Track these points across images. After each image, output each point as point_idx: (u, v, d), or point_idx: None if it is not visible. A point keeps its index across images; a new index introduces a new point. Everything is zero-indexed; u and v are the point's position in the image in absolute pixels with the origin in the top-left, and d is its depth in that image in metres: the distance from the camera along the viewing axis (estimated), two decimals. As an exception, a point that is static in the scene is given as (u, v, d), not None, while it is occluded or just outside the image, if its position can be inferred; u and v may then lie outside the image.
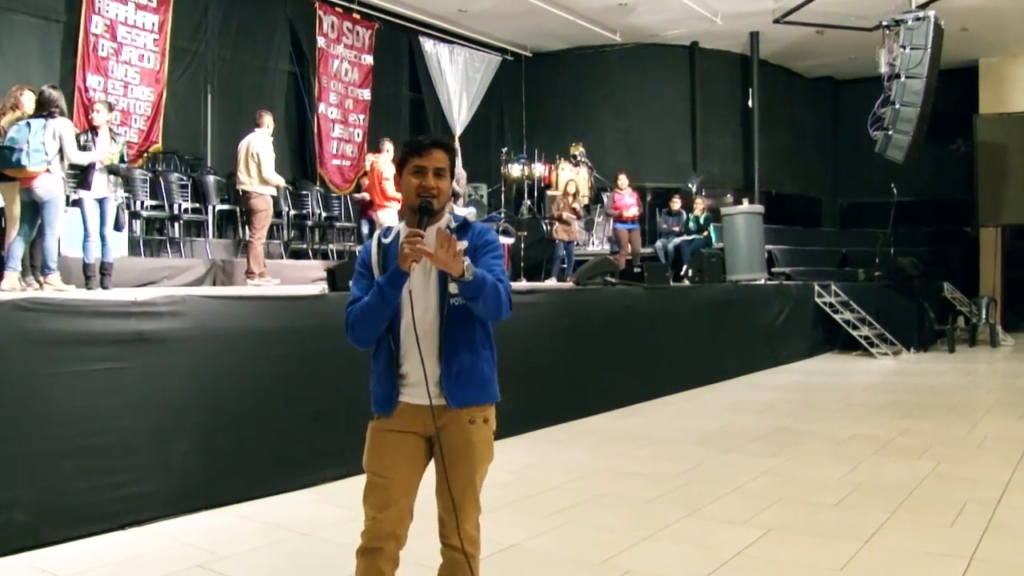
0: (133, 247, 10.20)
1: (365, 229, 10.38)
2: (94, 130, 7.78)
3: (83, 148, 7.46)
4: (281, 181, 9.59)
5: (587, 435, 7.38)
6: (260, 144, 9.54)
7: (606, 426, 7.64)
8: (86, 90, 11.60)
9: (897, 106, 12.23)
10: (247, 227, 9.83)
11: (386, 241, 2.68)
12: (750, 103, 17.91)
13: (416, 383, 2.58)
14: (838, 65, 19.20)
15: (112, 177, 7.82)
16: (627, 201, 13.50)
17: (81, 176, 7.61)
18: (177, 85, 12.74)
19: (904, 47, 12.40)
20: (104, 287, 7.70)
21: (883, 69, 13.45)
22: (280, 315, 5.62)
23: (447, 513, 2.61)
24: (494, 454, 2.70)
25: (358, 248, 13.00)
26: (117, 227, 8.01)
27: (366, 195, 11.25)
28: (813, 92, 20.44)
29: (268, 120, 9.80)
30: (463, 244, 2.54)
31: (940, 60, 12.80)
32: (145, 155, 12.28)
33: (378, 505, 2.62)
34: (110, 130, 7.93)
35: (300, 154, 14.96)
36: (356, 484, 2.78)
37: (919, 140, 12.56)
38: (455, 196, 10.68)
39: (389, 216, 9.97)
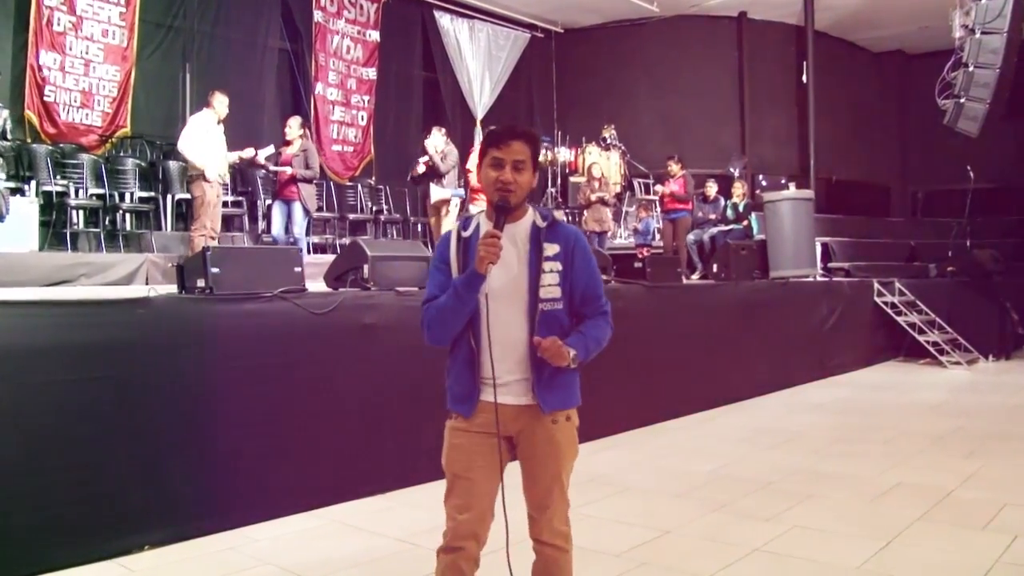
0: (60, 241, 8.93)
1: (277, 213, 8.93)
2: (-36, 100, 6.50)
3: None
4: (200, 164, 8.15)
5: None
6: (190, 125, 8.36)
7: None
8: (39, 68, 10.45)
9: (971, 68, 10.24)
10: (192, 218, 8.56)
11: (465, 234, 2.61)
12: (805, 79, 16.10)
13: (500, 384, 2.53)
14: (907, 36, 17.43)
15: (-12, 157, 6.56)
16: (672, 187, 11.80)
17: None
18: (148, 63, 11.56)
19: (981, -2, 10.41)
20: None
21: (957, 34, 11.51)
22: (77, 327, 4.10)
23: (537, 511, 2.61)
24: (579, 450, 2.68)
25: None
26: (-1, 216, 6.73)
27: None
28: (878, 67, 18.67)
29: (216, 100, 8.50)
30: (553, 248, 2.55)
31: (1025, 16, 10.77)
32: (111, 141, 11.07)
33: (459, 506, 2.59)
34: (-13, 100, 6.63)
35: (296, 140, 13.60)
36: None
37: (997, 110, 10.51)
38: (437, 175, 9.29)
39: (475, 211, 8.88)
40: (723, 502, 5.06)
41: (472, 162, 9.33)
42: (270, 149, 8.93)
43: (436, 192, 9.31)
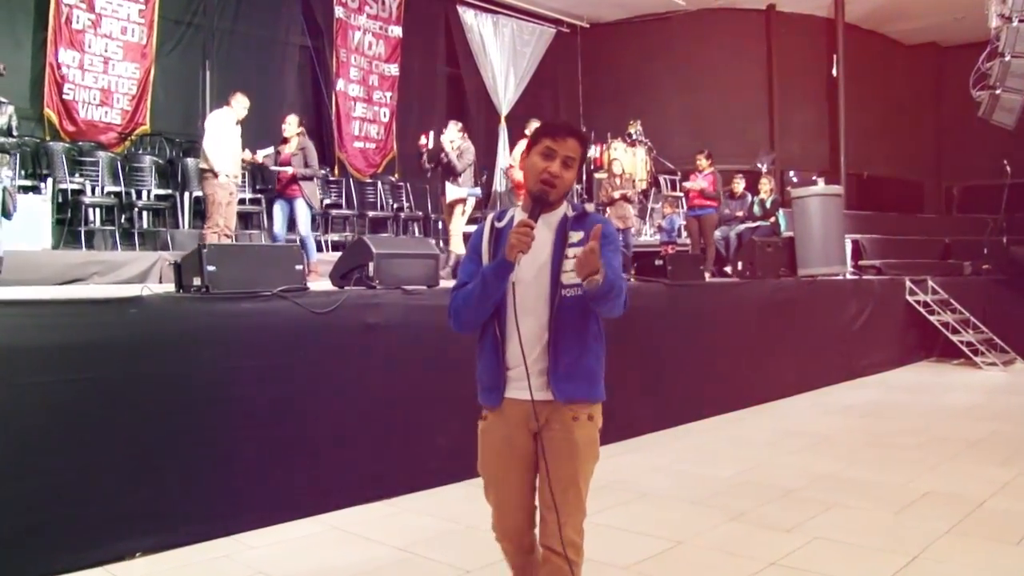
0: (76, 239, 8.86)
1: (278, 212, 8.76)
2: (-29, 101, 6.44)
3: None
4: (218, 166, 8.06)
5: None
6: (210, 121, 8.31)
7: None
8: (59, 67, 10.41)
9: (1007, 57, 9.87)
10: (206, 216, 8.46)
11: (499, 225, 2.61)
12: (835, 73, 15.72)
13: (520, 376, 2.49)
14: (941, 27, 16.92)
15: (-6, 155, 6.49)
16: (700, 183, 11.52)
17: (-47, 155, 6.33)
18: (167, 60, 11.47)
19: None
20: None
21: (994, 23, 11.13)
22: (64, 327, 3.96)
23: (549, 513, 2.51)
24: (599, 454, 2.61)
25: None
26: (6, 214, 6.62)
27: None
28: (911, 60, 18.14)
29: (236, 101, 8.45)
30: (578, 235, 2.51)
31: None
32: (130, 139, 11.01)
33: (497, 504, 2.65)
34: (-7, 98, 6.55)
35: (317, 137, 13.45)
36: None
37: (1035, 101, 10.17)
38: (452, 174, 8.95)
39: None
40: (742, 510, 4.84)
41: (516, 156, 9.02)
42: (269, 149, 8.79)
43: (452, 191, 8.97)
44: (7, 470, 3.71)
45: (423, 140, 9.30)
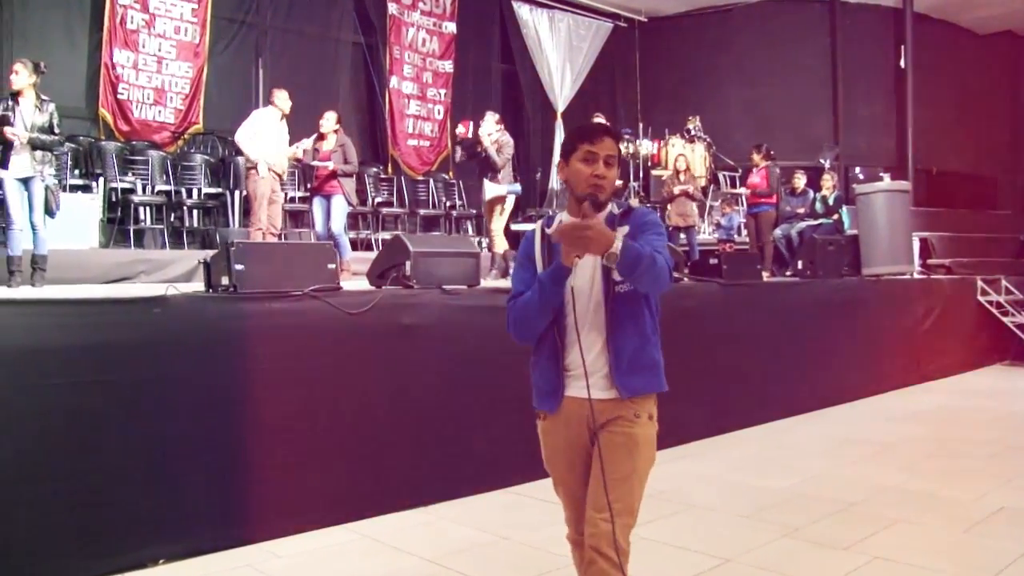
0: (126, 238, 8.88)
1: (318, 209, 8.59)
2: (14, 96, 6.42)
3: (1, 119, 6.20)
4: (253, 155, 8.00)
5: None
6: (252, 116, 8.30)
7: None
8: (113, 67, 10.49)
9: (1087, 46, 9.30)
10: (251, 213, 8.38)
11: (549, 231, 2.54)
12: (903, 64, 15.13)
13: (580, 376, 2.44)
14: (1017, 15, 16.17)
15: (40, 153, 6.47)
16: (753, 180, 11.18)
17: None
18: (221, 59, 11.50)
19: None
20: (34, 284, 6.40)
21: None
22: (85, 328, 3.85)
23: (599, 514, 2.41)
24: (656, 457, 2.55)
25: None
26: (49, 213, 6.62)
27: None
28: (985, 49, 17.34)
29: (277, 97, 8.38)
30: (624, 229, 2.44)
31: None
32: (183, 138, 11.06)
33: (567, 502, 2.62)
34: (36, 95, 6.52)
35: (371, 134, 13.42)
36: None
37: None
38: (491, 169, 8.64)
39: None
40: (796, 525, 4.54)
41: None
42: (305, 142, 8.64)
43: (490, 189, 8.56)
44: (25, 473, 3.62)
45: (461, 129, 9.08)
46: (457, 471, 5.09)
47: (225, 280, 4.38)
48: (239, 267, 4.32)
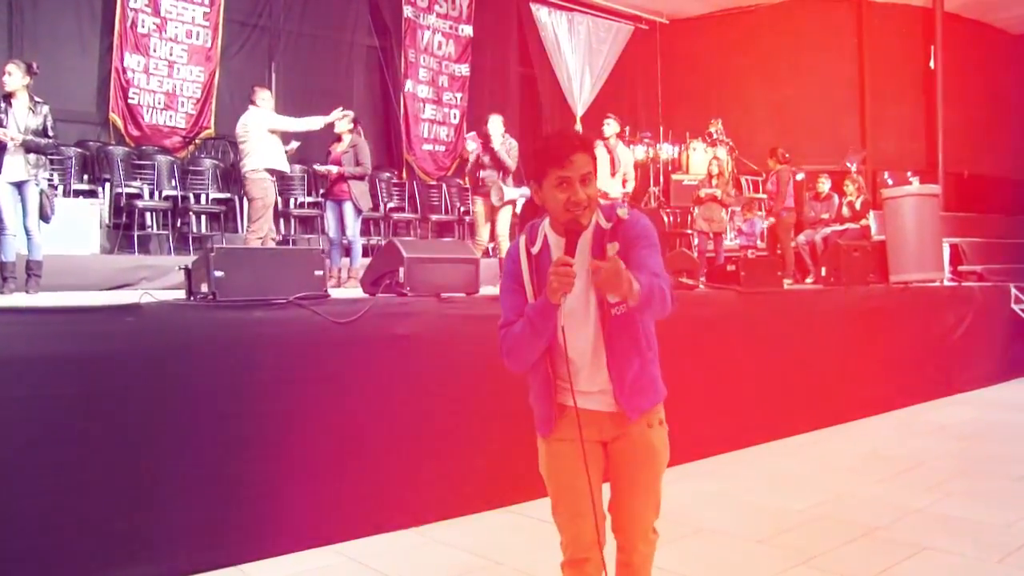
0: (130, 243, 8.73)
1: (330, 214, 8.45)
2: (7, 98, 6.30)
3: (-9, 121, 6.18)
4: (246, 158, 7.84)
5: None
6: (245, 120, 8.15)
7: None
8: (124, 71, 10.35)
9: None
10: (249, 219, 8.20)
11: (534, 250, 2.46)
12: (932, 65, 14.75)
13: (587, 391, 2.42)
14: (1052, 15, 15.61)
15: (34, 157, 6.33)
16: (769, 187, 10.90)
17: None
18: (233, 63, 11.34)
19: None
20: (28, 291, 6.26)
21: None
22: (53, 337, 3.63)
23: (630, 520, 2.52)
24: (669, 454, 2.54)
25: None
26: (44, 218, 6.46)
27: None
28: (1018, 50, 16.89)
29: (259, 98, 8.31)
30: (615, 247, 2.23)
31: None
32: (194, 142, 10.90)
33: (572, 516, 2.50)
34: (30, 97, 6.37)
35: (385, 139, 13.21)
36: None
37: None
38: (504, 171, 8.49)
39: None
40: (813, 553, 4.22)
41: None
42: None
43: (506, 192, 8.49)
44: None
45: (472, 146, 8.91)
46: (453, 490, 4.83)
47: (205, 287, 4.15)
48: (218, 273, 4.09)
